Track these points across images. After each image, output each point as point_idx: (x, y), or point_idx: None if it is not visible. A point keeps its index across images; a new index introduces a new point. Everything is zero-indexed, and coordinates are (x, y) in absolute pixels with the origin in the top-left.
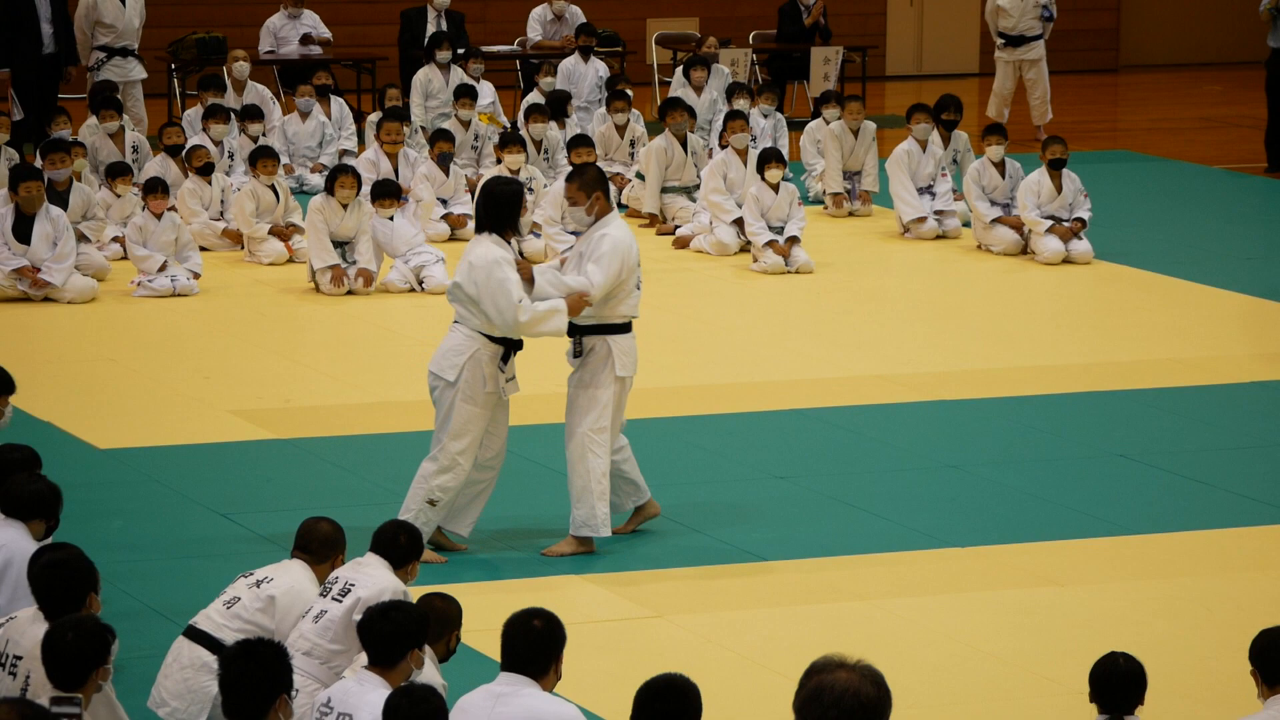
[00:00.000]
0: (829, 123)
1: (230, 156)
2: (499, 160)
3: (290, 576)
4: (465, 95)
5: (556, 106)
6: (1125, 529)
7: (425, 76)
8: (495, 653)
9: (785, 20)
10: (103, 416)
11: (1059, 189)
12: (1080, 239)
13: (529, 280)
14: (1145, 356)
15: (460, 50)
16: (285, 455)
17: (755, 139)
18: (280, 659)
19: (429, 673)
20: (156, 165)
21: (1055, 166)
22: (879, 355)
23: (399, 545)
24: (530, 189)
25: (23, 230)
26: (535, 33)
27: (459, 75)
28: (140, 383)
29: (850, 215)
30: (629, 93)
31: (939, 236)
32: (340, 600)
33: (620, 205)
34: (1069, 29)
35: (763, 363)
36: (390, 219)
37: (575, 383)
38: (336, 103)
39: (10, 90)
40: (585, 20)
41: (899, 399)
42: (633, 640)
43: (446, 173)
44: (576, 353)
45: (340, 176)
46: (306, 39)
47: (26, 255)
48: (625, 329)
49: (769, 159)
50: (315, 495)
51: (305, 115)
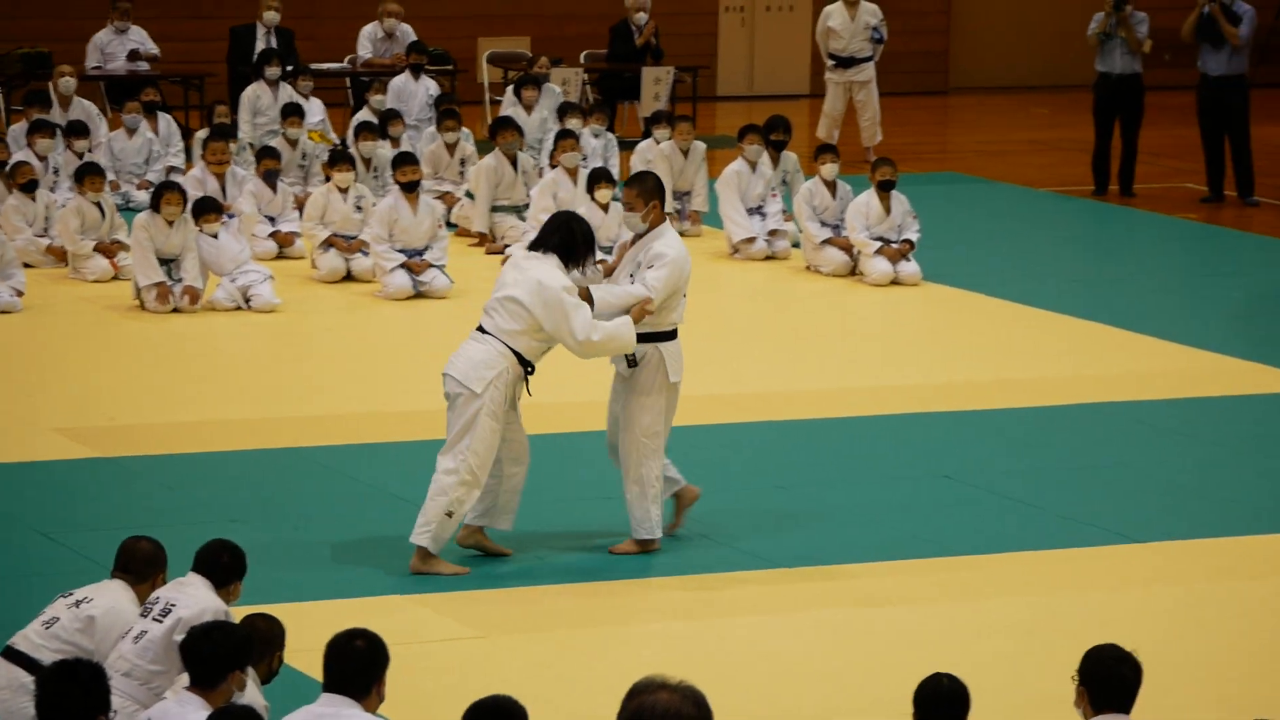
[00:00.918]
0: (659, 143)
1: (55, 173)
2: (327, 178)
3: (110, 596)
4: (294, 114)
5: (386, 124)
6: (950, 550)
7: (254, 93)
8: (318, 673)
9: (616, 40)
10: None
11: (888, 210)
12: (908, 260)
13: (586, 300)
14: (972, 378)
15: (289, 67)
16: (108, 474)
17: (586, 158)
18: (98, 680)
19: (251, 694)
20: None
21: (884, 188)
22: (709, 376)
23: (221, 565)
24: (359, 207)
25: None
26: (365, 50)
27: (288, 92)
28: None
29: (682, 235)
30: (458, 111)
31: (768, 257)
32: (161, 620)
33: (449, 224)
34: (899, 51)
35: (589, 383)
36: (214, 236)
37: (627, 390)
38: (164, 119)
39: None
40: (416, 38)
41: (727, 419)
42: (460, 661)
43: (274, 190)
44: (631, 363)
45: (166, 193)
46: (134, 55)
47: None
48: (673, 336)
49: (599, 179)
50: (138, 514)
51: (132, 132)
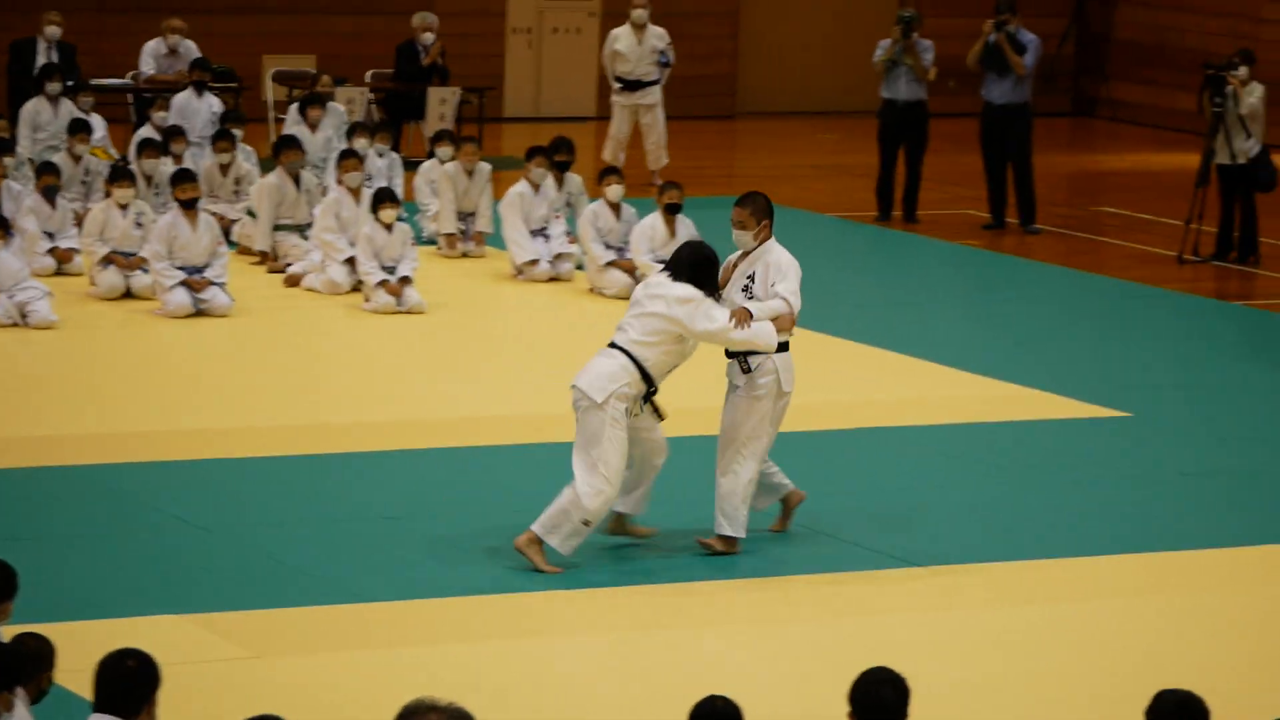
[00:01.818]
0: (444, 163)
1: None
2: (108, 194)
3: None
4: (81, 130)
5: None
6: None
7: (34, 108)
8: (89, 693)
9: (403, 59)
10: None
11: (673, 234)
12: None
13: (747, 320)
14: None
15: (71, 83)
16: None
17: (370, 178)
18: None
19: (20, 714)
20: None
21: (671, 211)
22: (494, 396)
23: None
24: (140, 224)
25: None
26: (149, 66)
27: (69, 108)
28: None
29: (464, 256)
30: (235, 132)
31: (552, 279)
32: None
33: (230, 243)
34: (686, 75)
35: (374, 402)
36: None
37: (739, 394)
38: None
39: None
40: (200, 55)
41: (511, 440)
42: (231, 682)
43: (53, 206)
44: (745, 369)
45: None
46: None
47: None
48: (785, 347)
49: (383, 199)
50: None
51: None
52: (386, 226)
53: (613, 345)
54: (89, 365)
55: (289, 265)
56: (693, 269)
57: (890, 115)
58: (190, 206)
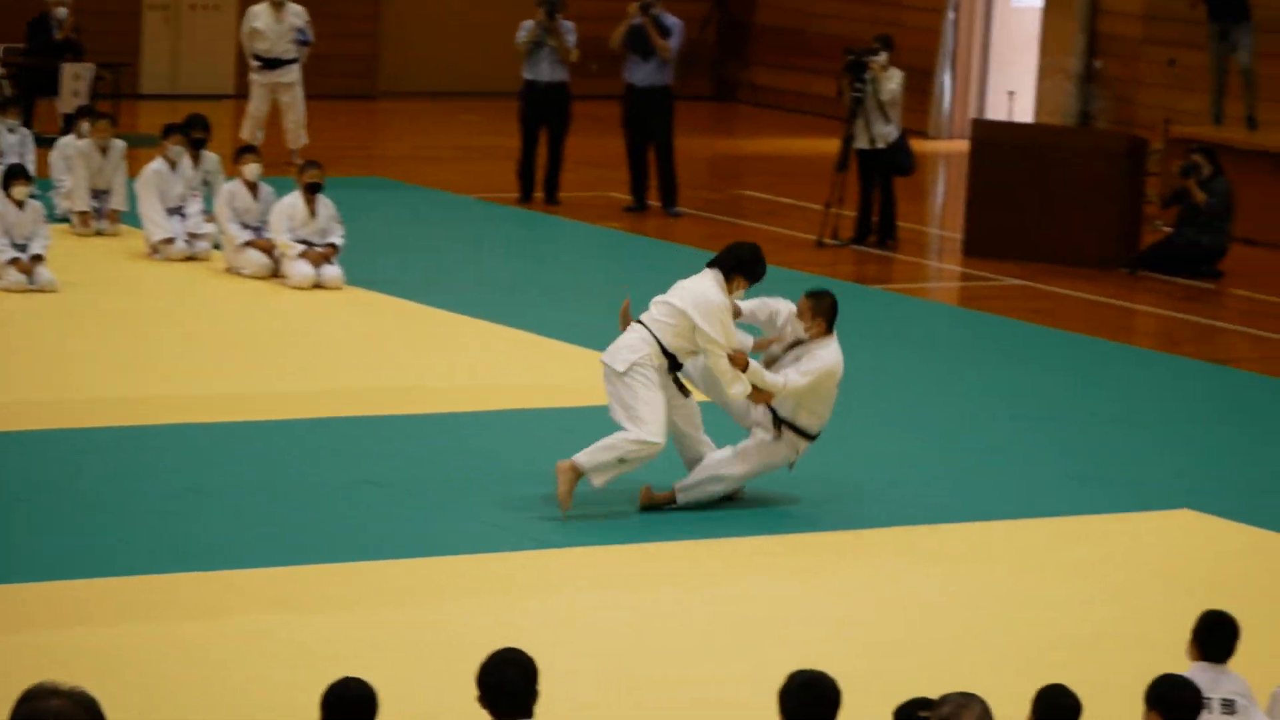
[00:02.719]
0: (78, 139)
1: None
2: None
3: None
4: None
5: None
6: (366, 555)
7: None
8: None
9: (34, 33)
10: None
11: (313, 213)
12: (332, 264)
13: (742, 365)
14: (395, 384)
15: None
16: None
17: (1, 155)
18: None
19: None
20: None
21: (311, 191)
22: (126, 377)
23: None
24: None
25: None
26: None
27: None
28: None
29: (98, 234)
30: None
31: (189, 258)
32: None
33: None
34: (327, 54)
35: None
36: None
37: (759, 435)
38: None
39: None
40: None
41: (143, 421)
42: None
43: None
44: (775, 437)
45: None
46: None
47: None
48: (810, 437)
49: (14, 175)
50: None
51: None
52: (18, 204)
53: (638, 320)
54: None
55: None
56: (742, 259)
57: (532, 97)
58: None
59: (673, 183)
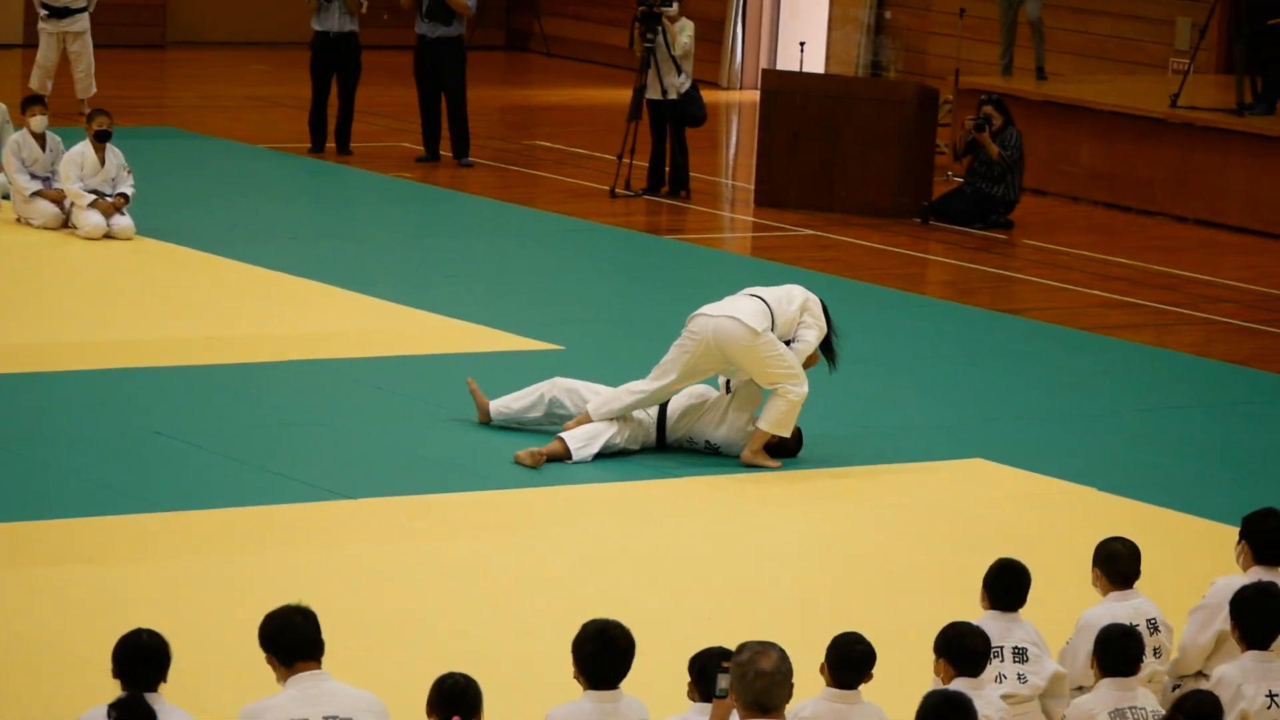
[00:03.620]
0: None
1: None
2: None
3: None
4: None
5: None
6: (158, 506)
7: None
8: None
9: None
10: None
11: (103, 163)
12: (123, 214)
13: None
14: (184, 334)
15: None
16: None
17: None
18: None
19: None
20: None
21: (100, 139)
22: None
23: None
24: None
25: None
26: None
27: None
28: None
29: None
30: None
31: None
32: None
33: None
34: (116, 3)
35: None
36: None
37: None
38: None
39: None
40: None
41: None
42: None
43: None
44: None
45: None
46: None
47: None
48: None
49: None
50: None
51: None
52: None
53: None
54: None
55: None
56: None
57: (323, 47)
58: None
59: (465, 134)
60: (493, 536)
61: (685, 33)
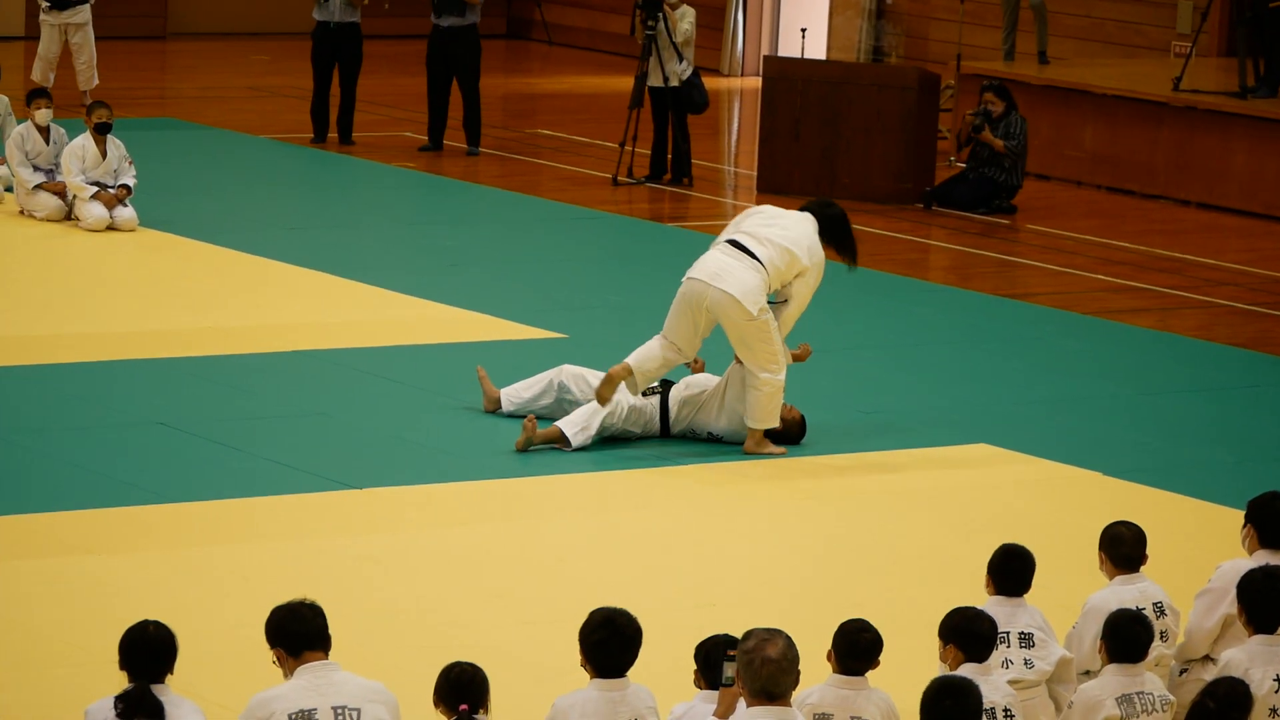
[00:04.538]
0: None
1: None
2: None
3: None
4: None
5: None
6: (162, 497)
7: None
8: None
9: None
10: None
11: (104, 155)
12: (125, 206)
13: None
14: (188, 325)
15: None
16: None
17: None
18: None
19: None
20: None
21: (101, 131)
22: None
23: None
24: None
25: None
26: None
27: None
28: None
29: None
30: None
31: None
32: None
33: None
34: None
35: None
36: None
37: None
38: None
39: None
40: None
41: None
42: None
43: None
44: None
45: None
46: None
47: None
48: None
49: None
50: None
51: None
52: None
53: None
54: None
55: None
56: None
57: (324, 36)
58: None
59: (477, 123)
60: (497, 525)
61: (686, 20)
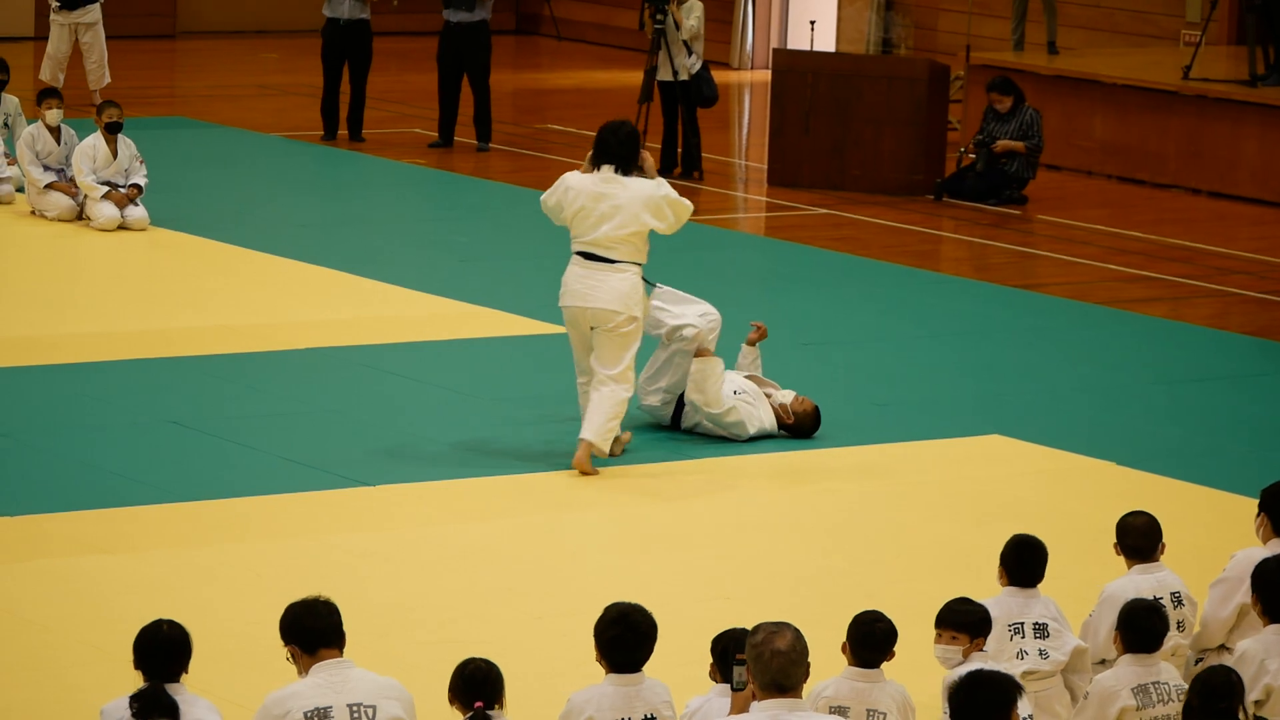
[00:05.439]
0: None
1: None
2: None
3: None
4: None
5: None
6: (175, 496)
7: None
8: None
9: None
10: None
11: (115, 154)
12: (136, 205)
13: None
14: (200, 324)
15: None
16: None
17: None
18: None
19: None
20: None
21: (111, 130)
22: None
23: None
24: None
25: None
26: None
27: None
28: None
29: None
30: None
31: None
32: None
33: None
34: None
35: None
36: None
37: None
38: None
39: None
40: None
41: None
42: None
43: None
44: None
45: None
46: None
47: None
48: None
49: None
50: None
51: None
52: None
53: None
54: None
55: None
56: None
57: (333, 34)
58: None
59: (488, 119)
60: (510, 521)
61: (694, 14)
